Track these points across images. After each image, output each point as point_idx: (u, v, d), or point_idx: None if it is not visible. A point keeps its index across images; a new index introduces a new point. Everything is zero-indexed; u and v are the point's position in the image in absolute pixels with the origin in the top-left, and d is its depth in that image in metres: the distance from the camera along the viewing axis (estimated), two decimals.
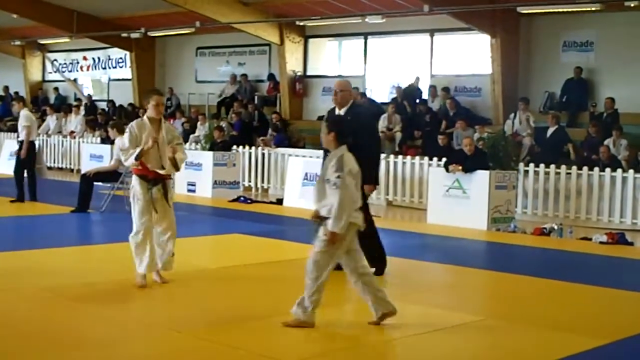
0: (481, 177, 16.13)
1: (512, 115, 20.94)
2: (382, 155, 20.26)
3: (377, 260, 10.45)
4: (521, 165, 17.93)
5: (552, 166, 17.66)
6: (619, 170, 17.15)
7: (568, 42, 21.86)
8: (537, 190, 17.82)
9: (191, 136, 25.28)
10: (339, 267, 8.42)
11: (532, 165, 17.99)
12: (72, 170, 27.53)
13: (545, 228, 15.66)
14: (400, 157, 20.17)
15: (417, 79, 24.34)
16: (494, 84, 22.15)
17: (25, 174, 18.33)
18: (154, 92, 9.96)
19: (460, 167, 16.31)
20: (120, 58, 33.61)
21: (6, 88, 36.99)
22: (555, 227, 15.64)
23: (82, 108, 30.50)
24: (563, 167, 17.61)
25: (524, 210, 17.86)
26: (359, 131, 9.45)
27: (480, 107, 23.11)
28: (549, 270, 12.05)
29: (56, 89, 35.66)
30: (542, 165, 17.79)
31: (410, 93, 23.97)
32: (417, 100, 23.69)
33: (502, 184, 16.20)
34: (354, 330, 8.40)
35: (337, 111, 10.56)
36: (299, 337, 7.86)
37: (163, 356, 7.20)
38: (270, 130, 24.80)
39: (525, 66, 22.40)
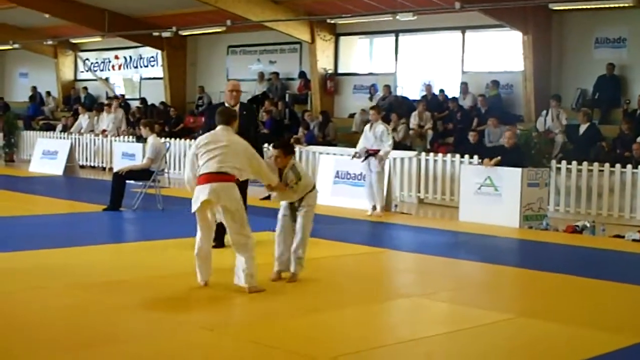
0: (513, 175, 16.06)
1: (544, 113, 20.82)
2: (414, 153, 20.29)
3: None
4: (553, 163, 17.82)
5: (585, 163, 17.53)
6: None
7: (600, 38, 21.72)
8: (569, 188, 17.69)
9: None
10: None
11: (564, 162, 17.87)
12: (104, 169, 27.62)
13: (577, 226, 15.58)
14: (431, 154, 20.10)
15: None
16: (526, 81, 22.05)
17: None
18: None
19: (499, 158, 16.22)
20: (152, 57, 33.73)
21: (34, 88, 37.39)
22: (588, 225, 15.55)
23: (113, 107, 30.50)
24: (595, 164, 17.47)
25: (556, 208, 17.74)
26: (253, 122, 12.31)
27: (512, 104, 23.01)
28: (581, 268, 11.99)
29: (85, 88, 35.81)
30: (574, 163, 17.66)
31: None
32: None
33: (534, 181, 16.12)
34: (383, 329, 8.42)
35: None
36: (331, 335, 7.88)
37: (192, 353, 7.22)
38: (301, 129, 24.82)
39: (557, 63, 22.28)
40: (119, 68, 35.67)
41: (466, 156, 18.98)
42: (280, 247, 10.07)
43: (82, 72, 37.52)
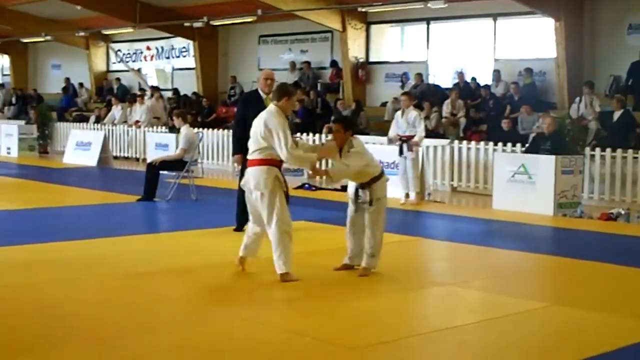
0: (547, 162, 15.98)
1: (577, 100, 20.68)
2: (447, 141, 20.24)
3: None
4: (587, 150, 17.74)
5: (619, 150, 17.44)
6: None
7: (633, 24, 21.54)
8: (603, 175, 17.59)
9: None
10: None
11: (598, 149, 17.77)
12: (137, 160, 27.72)
13: (612, 213, 15.49)
14: (464, 142, 20.05)
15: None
16: (559, 68, 21.93)
17: None
18: None
19: None
20: (184, 47, 33.83)
21: (67, 79, 37.59)
22: (622, 212, 15.46)
23: (146, 99, 30.51)
24: (630, 151, 17.37)
25: (591, 195, 17.65)
26: None
27: (544, 92, 22.90)
28: (616, 256, 11.90)
29: (118, 79, 35.96)
30: (608, 150, 17.57)
31: None
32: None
33: (568, 168, 16.02)
34: (417, 318, 8.43)
35: (263, 95, 11.92)
36: (365, 324, 7.89)
37: (227, 343, 7.25)
38: (333, 118, 24.78)
39: (590, 50, 22.14)
40: (151, 59, 35.80)
41: (499, 144, 18.92)
42: (350, 243, 10.14)
43: (114, 63, 37.69)
